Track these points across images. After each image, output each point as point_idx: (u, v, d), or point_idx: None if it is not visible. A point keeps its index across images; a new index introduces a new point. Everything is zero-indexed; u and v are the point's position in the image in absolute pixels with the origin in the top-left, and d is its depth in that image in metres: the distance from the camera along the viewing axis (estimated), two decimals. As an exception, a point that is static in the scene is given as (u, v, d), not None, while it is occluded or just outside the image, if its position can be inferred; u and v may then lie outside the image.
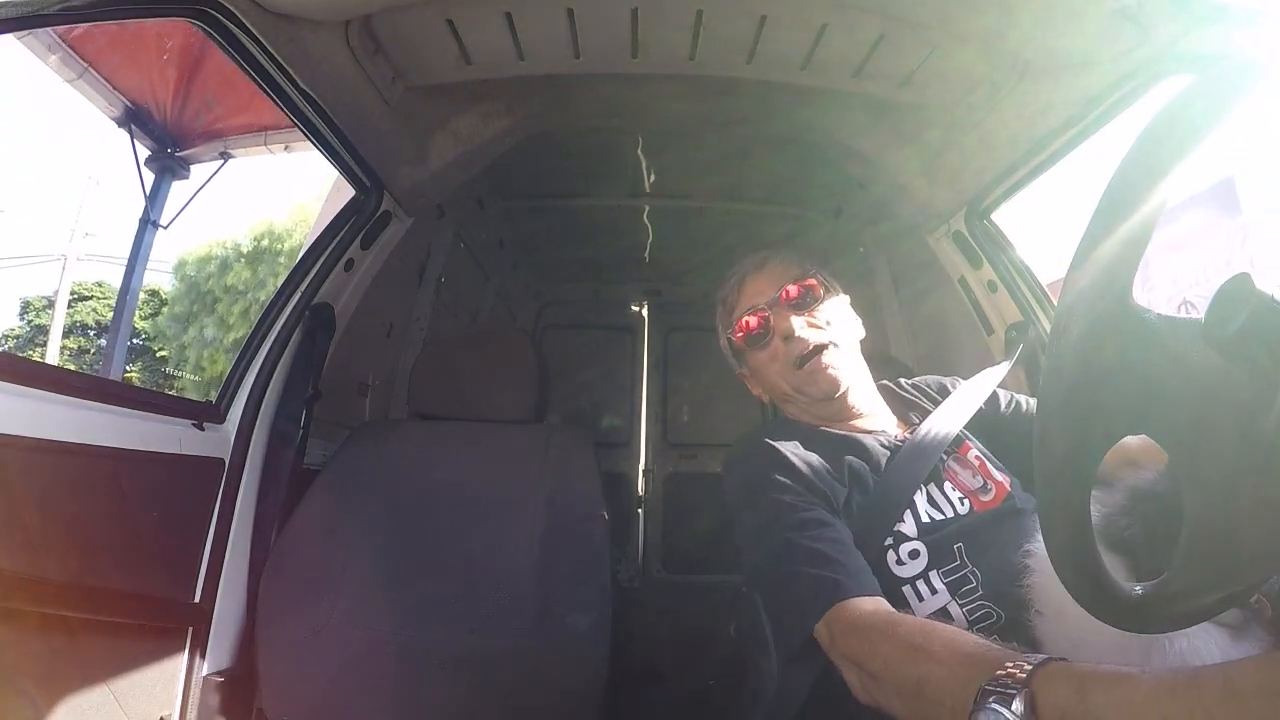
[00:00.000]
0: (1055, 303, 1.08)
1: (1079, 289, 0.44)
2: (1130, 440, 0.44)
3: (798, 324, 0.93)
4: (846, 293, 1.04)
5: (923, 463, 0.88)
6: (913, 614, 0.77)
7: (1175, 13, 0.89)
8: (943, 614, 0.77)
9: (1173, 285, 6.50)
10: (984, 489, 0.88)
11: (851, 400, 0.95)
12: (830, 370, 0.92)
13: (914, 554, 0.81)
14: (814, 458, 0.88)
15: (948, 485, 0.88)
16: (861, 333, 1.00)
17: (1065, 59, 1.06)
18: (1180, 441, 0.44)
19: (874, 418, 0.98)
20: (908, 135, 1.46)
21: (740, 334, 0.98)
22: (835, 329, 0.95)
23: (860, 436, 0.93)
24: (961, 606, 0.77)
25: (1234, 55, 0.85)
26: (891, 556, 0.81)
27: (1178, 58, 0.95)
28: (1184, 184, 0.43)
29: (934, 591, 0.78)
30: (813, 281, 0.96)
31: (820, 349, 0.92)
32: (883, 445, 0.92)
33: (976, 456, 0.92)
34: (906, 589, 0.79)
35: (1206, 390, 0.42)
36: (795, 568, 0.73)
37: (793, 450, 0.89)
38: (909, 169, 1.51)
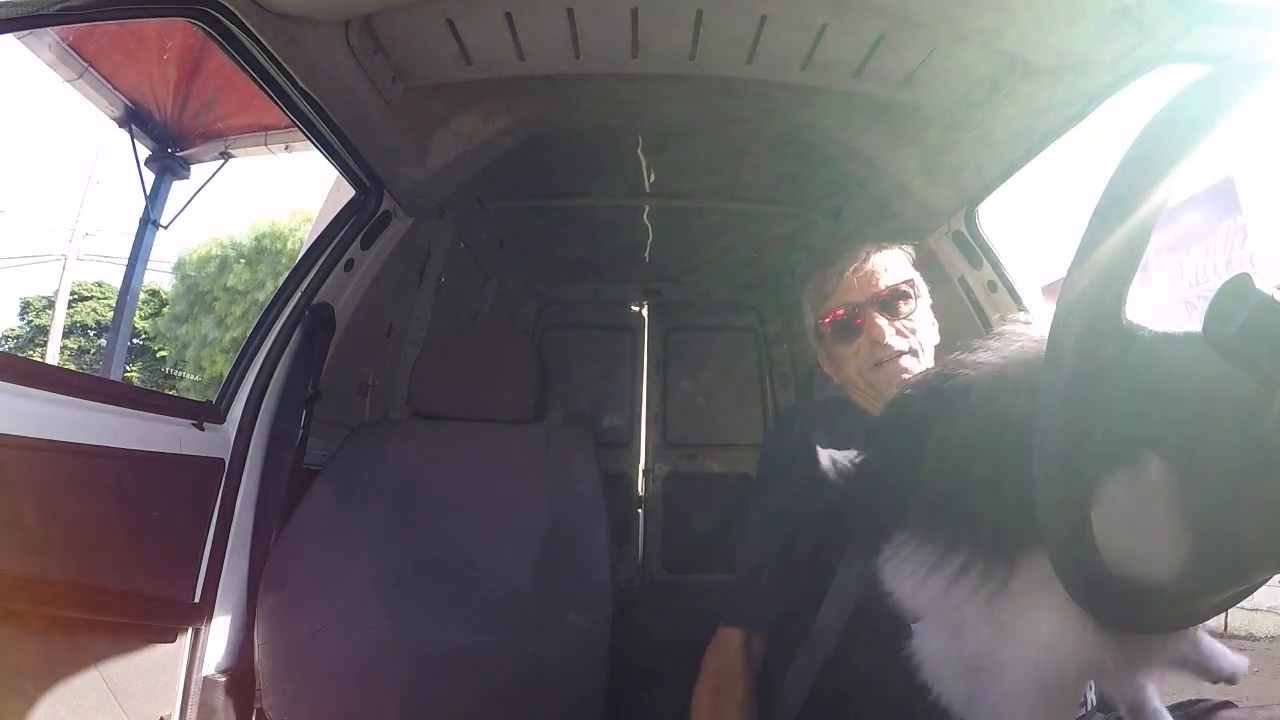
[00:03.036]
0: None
1: (1079, 289, 0.44)
2: None
3: (887, 329, 0.94)
4: None
5: None
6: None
7: (1175, 12, 0.89)
8: None
9: (1173, 285, 6.49)
10: None
11: None
12: (905, 375, 0.94)
13: None
14: (838, 452, 0.93)
15: None
16: (937, 337, 1.01)
17: (1065, 59, 1.06)
18: (1180, 441, 0.44)
19: None
20: (908, 135, 1.46)
21: (829, 325, 0.99)
22: (919, 335, 0.97)
23: None
24: None
25: (1233, 55, 0.85)
26: None
27: (1178, 57, 0.95)
28: (1184, 184, 0.43)
29: None
30: (908, 287, 0.97)
31: (900, 354, 0.94)
32: None
33: None
34: None
35: (1206, 390, 0.42)
36: (742, 581, 0.94)
37: (822, 440, 0.95)
38: (909, 168, 1.51)
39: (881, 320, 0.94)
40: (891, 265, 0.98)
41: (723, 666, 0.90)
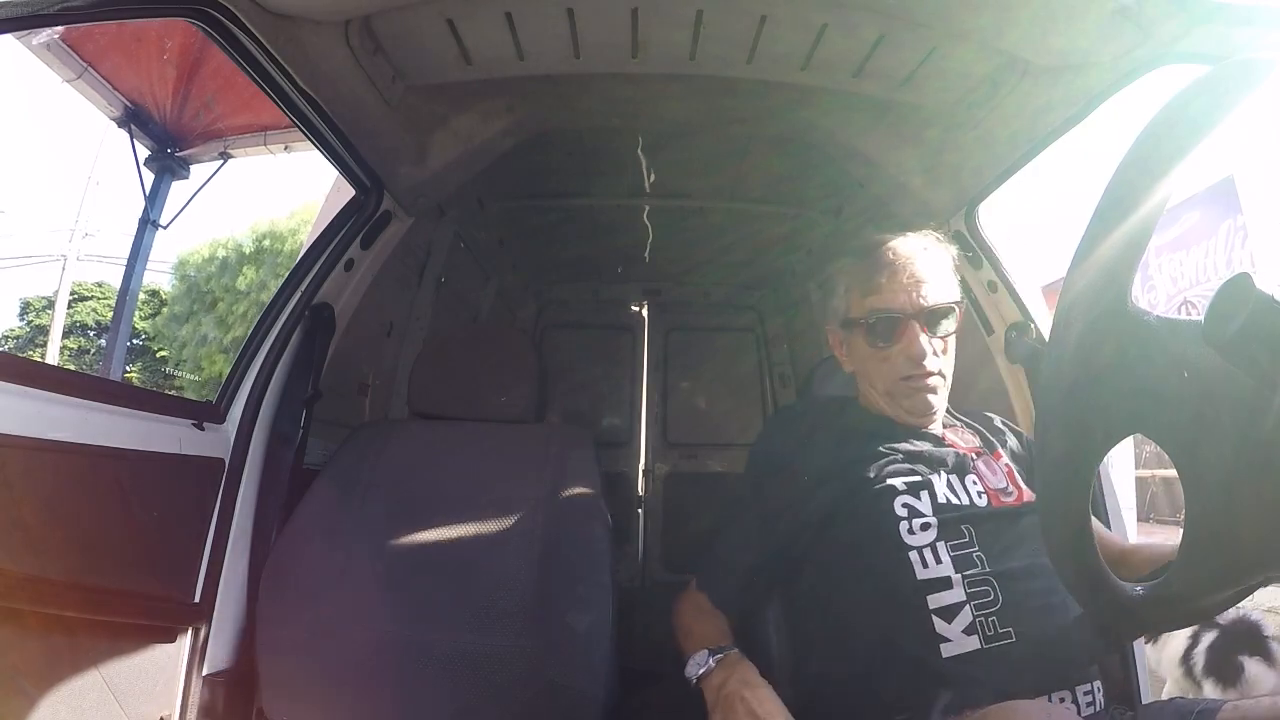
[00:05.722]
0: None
1: (1079, 289, 0.44)
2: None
3: (928, 348, 0.89)
4: None
5: (943, 451, 0.91)
6: (914, 578, 0.81)
7: (1175, 11, 0.89)
8: (944, 583, 0.80)
9: (1173, 285, 6.50)
10: (1006, 490, 0.90)
11: (932, 419, 0.96)
12: (930, 396, 0.91)
13: (925, 526, 0.84)
14: (835, 449, 0.93)
15: (970, 478, 0.90)
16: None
17: (1065, 58, 1.06)
18: (1180, 441, 0.44)
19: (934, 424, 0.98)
20: (908, 135, 1.46)
21: (867, 323, 0.92)
22: (949, 356, 0.93)
23: (902, 427, 0.95)
24: (963, 580, 0.80)
25: (1233, 55, 0.85)
26: (904, 526, 0.84)
27: (1178, 57, 0.95)
28: (1184, 184, 0.43)
29: (939, 561, 0.81)
30: (956, 307, 0.92)
31: (930, 375, 0.90)
32: (917, 438, 0.94)
33: (1006, 465, 0.94)
34: (913, 554, 0.82)
35: (1206, 390, 0.42)
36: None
37: (825, 438, 0.95)
38: (909, 168, 1.51)
39: (924, 337, 0.89)
40: (941, 275, 0.93)
41: (698, 607, 0.97)
